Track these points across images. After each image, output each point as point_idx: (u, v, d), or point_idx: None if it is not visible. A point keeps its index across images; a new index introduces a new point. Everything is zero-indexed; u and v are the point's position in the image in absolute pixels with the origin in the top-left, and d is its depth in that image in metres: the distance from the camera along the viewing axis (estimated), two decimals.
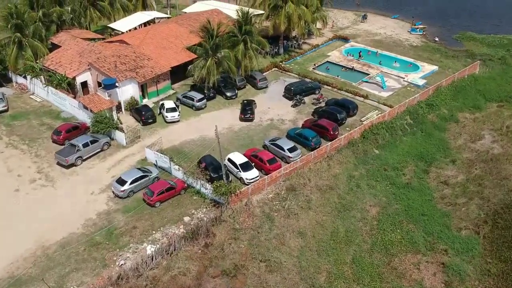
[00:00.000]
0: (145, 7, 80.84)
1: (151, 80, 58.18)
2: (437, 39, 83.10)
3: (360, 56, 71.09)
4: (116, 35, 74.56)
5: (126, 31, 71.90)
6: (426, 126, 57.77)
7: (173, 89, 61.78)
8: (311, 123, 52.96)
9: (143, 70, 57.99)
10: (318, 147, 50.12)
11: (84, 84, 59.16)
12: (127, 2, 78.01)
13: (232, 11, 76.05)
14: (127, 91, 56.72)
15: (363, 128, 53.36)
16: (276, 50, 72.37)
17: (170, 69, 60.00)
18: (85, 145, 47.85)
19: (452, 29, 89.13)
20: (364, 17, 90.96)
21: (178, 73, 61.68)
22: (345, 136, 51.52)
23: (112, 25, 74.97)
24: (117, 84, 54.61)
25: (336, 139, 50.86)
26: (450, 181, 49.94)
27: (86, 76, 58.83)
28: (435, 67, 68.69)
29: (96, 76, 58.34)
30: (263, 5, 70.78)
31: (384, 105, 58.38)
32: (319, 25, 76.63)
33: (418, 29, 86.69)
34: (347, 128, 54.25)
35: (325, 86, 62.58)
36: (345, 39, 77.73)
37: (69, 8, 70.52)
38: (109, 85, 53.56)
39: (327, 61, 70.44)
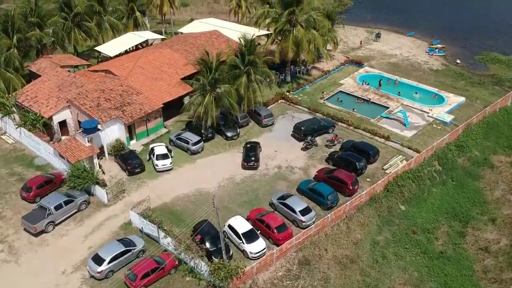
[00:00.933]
0: (137, 26, 73.06)
1: (140, 119, 50.41)
2: (458, 61, 75.45)
3: (380, 85, 63.28)
4: (103, 59, 66.99)
5: (115, 56, 64.34)
6: (457, 173, 50.11)
7: (165, 127, 54.00)
8: (326, 174, 45.16)
9: (130, 108, 50.22)
10: (335, 205, 42.40)
11: (63, 123, 51.43)
12: (116, 21, 70.22)
13: (233, 31, 68.50)
14: (112, 133, 48.99)
15: (386, 180, 45.62)
16: (282, 77, 64.60)
17: (162, 105, 52.23)
18: (58, 207, 40.05)
19: (473, 49, 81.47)
20: (378, 35, 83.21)
21: (172, 106, 53.98)
22: (367, 192, 43.77)
23: (100, 48, 67.21)
24: (99, 126, 46.87)
25: (357, 196, 43.10)
26: (491, 247, 42.22)
27: (65, 115, 51.09)
28: (462, 99, 60.88)
29: (77, 114, 50.62)
30: (268, 27, 63.00)
31: (409, 148, 50.55)
32: (329, 46, 69.01)
33: (437, 50, 79.02)
34: (368, 179, 46.48)
35: (339, 123, 54.79)
36: (359, 64, 69.92)
37: (50, 31, 62.80)
38: (89, 129, 45.81)
39: (340, 91, 62.60)
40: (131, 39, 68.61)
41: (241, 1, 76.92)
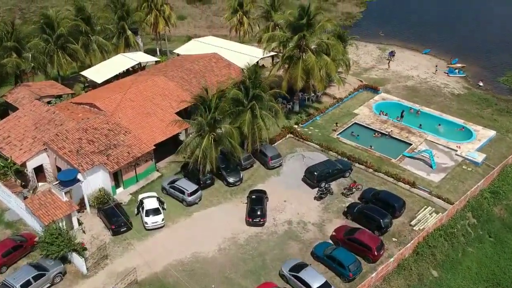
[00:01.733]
0: (128, 46, 66.19)
1: (128, 165, 43.58)
2: (481, 83, 68.82)
3: (402, 116, 56.50)
4: (91, 84, 60.29)
5: (102, 82, 57.63)
6: (494, 227, 43.45)
7: (158, 170, 47.18)
8: (346, 236, 38.29)
9: (117, 152, 43.37)
10: (358, 276, 35.65)
11: (40, 168, 44.63)
12: (105, 42, 63.36)
13: (234, 52, 61.85)
14: (95, 181, 42.22)
15: (416, 241, 38.82)
16: (290, 106, 57.77)
17: (154, 147, 45.40)
18: (26, 284, 33.21)
19: (496, 69, 74.78)
20: (392, 54, 76.38)
21: (165, 143, 47.17)
22: (395, 258, 36.97)
23: (86, 72, 60.46)
24: (79, 176, 40.05)
25: (383, 265, 36.28)
26: None
27: (41, 159, 44.27)
28: (492, 133, 54.08)
29: (55, 159, 43.80)
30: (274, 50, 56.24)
31: (439, 198, 43.72)
32: (340, 69, 62.10)
33: (456, 70, 72.24)
34: (394, 239, 39.67)
35: (356, 164, 47.99)
36: (374, 89, 63.06)
37: (29, 55, 55.94)
38: (67, 182, 38.96)
39: (355, 123, 55.76)
40: (121, 62, 61.85)
41: (243, 18, 70.11)
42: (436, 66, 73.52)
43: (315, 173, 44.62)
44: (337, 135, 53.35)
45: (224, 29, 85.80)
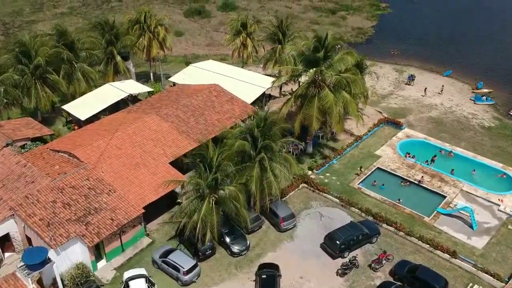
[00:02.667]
0: (117, 73, 58.65)
1: (111, 235, 36.05)
2: None
3: (433, 160, 49.13)
4: (74, 120, 52.85)
5: (86, 120, 50.29)
6: None
7: (148, 235, 39.65)
8: None
9: (98, 219, 35.87)
10: None
11: (6, 237, 37.10)
12: (91, 70, 55.87)
13: (237, 81, 54.63)
14: (71, 256, 34.73)
15: None
16: (302, 147, 50.27)
17: (144, 211, 37.87)
18: None
19: None
20: (411, 78, 68.93)
21: (158, 200, 39.76)
22: None
23: (69, 107, 53.03)
24: (50, 254, 32.50)
25: None
26: None
27: (8, 226, 36.74)
28: None
29: (24, 227, 36.29)
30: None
31: (486, 273, 36.22)
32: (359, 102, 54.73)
33: (484, 97, 64.85)
34: None
35: (383, 225, 40.53)
36: (397, 124, 55.54)
37: (1, 90, 48.48)
38: (34, 265, 31.40)
39: (378, 167, 48.32)
40: (109, 93, 54.40)
41: (246, 40, 62.62)
42: (442, 86, 66.90)
43: (337, 242, 37.13)
44: (358, 184, 45.86)
45: (225, 47, 78.46)
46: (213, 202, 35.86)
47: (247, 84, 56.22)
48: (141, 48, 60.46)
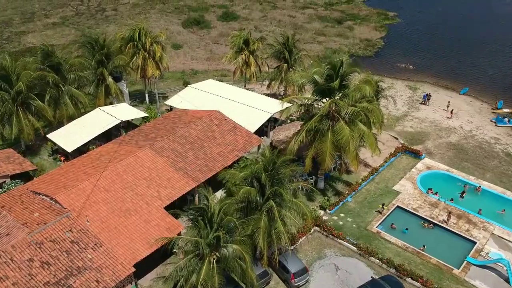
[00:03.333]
0: (109, 95, 53.72)
1: None
2: None
3: (462, 195, 44.32)
4: (60, 152, 47.95)
5: (73, 151, 45.40)
6: None
7: None
8: None
9: (81, 282, 30.83)
10: None
11: None
12: (79, 93, 50.97)
13: (241, 105, 49.77)
14: None
15: None
16: (312, 180, 45.32)
17: (135, 270, 32.89)
18: None
19: None
20: (427, 97, 64.01)
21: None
22: None
23: (54, 136, 48.16)
24: None
25: None
26: None
27: None
28: None
29: None
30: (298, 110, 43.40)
31: None
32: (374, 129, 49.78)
33: (505, 118, 59.99)
34: None
35: (407, 280, 35.59)
36: (416, 154, 50.59)
37: None
38: None
39: (398, 206, 43.38)
40: (99, 120, 49.46)
41: (249, 58, 57.71)
42: (449, 102, 62.34)
43: None
44: (377, 226, 40.90)
45: (226, 61, 73.60)
46: (214, 262, 30.91)
47: (251, 108, 51.35)
48: (135, 68, 55.49)
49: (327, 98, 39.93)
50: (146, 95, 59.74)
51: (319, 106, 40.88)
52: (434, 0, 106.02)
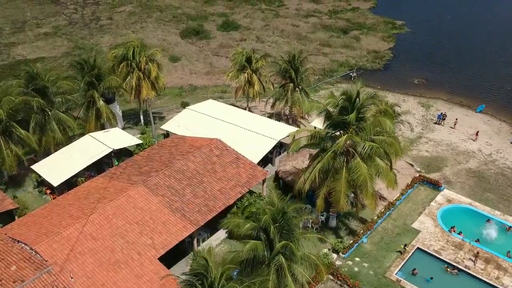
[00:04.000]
0: (100, 119, 49.44)
1: None
2: None
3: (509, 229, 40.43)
4: (46, 185, 43.70)
5: (59, 185, 41.20)
6: None
7: None
8: None
9: None
10: None
11: None
12: (67, 118, 46.76)
13: (245, 131, 45.77)
14: None
15: None
16: (323, 218, 41.10)
17: None
18: None
19: None
20: (442, 117, 59.78)
21: None
22: None
23: (39, 167, 43.99)
24: None
25: None
26: None
27: None
28: None
29: None
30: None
31: None
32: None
33: None
34: None
35: None
36: (435, 185, 46.36)
37: None
38: None
39: (418, 248, 39.16)
40: (88, 149, 45.22)
41: (252, 77, 53.50)
42: (456, 119, 58.97)
43: None
44: (396, 273, 36.70)
45: (226, 76, 69.42)
46: None
47: (254, 134, 47.16)
48: (128, 89, 51.22)
49: (341, 131, 35.73)
50: (141, 116, 55.47)
51: (332, 134, 36.66)
52: (443, 8, 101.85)
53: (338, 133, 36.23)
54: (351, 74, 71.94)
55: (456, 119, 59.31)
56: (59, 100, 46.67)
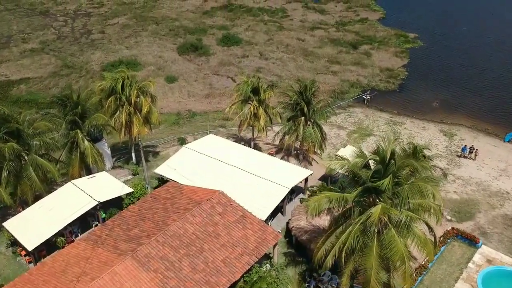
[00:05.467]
0: (85, 161, 43.13)
1: None
2: None
3: None
4: (20, 245, 37.53)
5: (35, 249, 35.04)
6: None
7: None
8: None
9: None
10: None
11: None
12: (46, 163, 40.47)
13: (250, 175, 39.56)
14: None
15: None
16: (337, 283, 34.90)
17: None
18: None
19: None
20: (467, 151, 53.51)
21: None
22: None
23: (11, 226, 37.80)
24: None
25: None
26: None
27: None
28: None
29: None
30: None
31: None
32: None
33: None
34: None
35: None
36: (471, 240, 40.10)
37: None
38: None
39: None
40: (70, 202, 39.03)
41: (258, 110, 47.30)
42: (476, 150, 53.05)
43: None
44: None
45: (226, 98, 63.50)
46: None
47: (262, 181, 41.02)
48: (118, 126, 44.96)
49: (372, 195, 29.53)
50: (133, 153, 49.18)
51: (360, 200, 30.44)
52: (457, 17, 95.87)
53: (367, 197, 29.98)
54: (364, 96, 65.86)
55: (476, 149, 53.25)
56: (37, 144, 40.46)
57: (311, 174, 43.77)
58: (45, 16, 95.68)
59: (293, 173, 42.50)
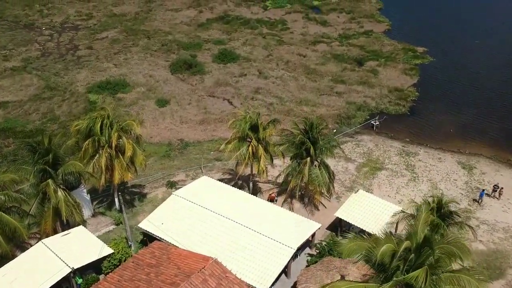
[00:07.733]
0: (58, 215, 37.38)
1: None
2: None
3: None
4: None
5: None
6: None
7: None
8: None
9: None
10: None
11: None
12: (13, 221, 34.71)
13: (249, 231, 34.19)
14: None
15: None
16: None
17: None
18: None
19: None
20: (496, 189, 47.92)
21: None
22: None
23: None
24: None
25: None
26: None
27: None
28: None
29: None
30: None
31: None
32: None
33: None
34: None
35: None
36: None
37: None
38: None
39: None
40: (39, 268, 33.33)
41: (257, 149, 41.66)
42: (502, 188, 47.61)
43: None
44: None
45: (223, 125, 58.02)
46: None
47: (264, 239, 35.42)
48: (97, 171, 39.26)
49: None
50: (116, 199, 43.41)
51: None
52: (466, 28, 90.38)
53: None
54: (373, 122, 60.26)
55: (501, 188, 47.80)
56: (3, 199, 34.77)
57: (319, 228, 38.17)
58: (30, 30, 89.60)
59: (298, 228, 36.97)
